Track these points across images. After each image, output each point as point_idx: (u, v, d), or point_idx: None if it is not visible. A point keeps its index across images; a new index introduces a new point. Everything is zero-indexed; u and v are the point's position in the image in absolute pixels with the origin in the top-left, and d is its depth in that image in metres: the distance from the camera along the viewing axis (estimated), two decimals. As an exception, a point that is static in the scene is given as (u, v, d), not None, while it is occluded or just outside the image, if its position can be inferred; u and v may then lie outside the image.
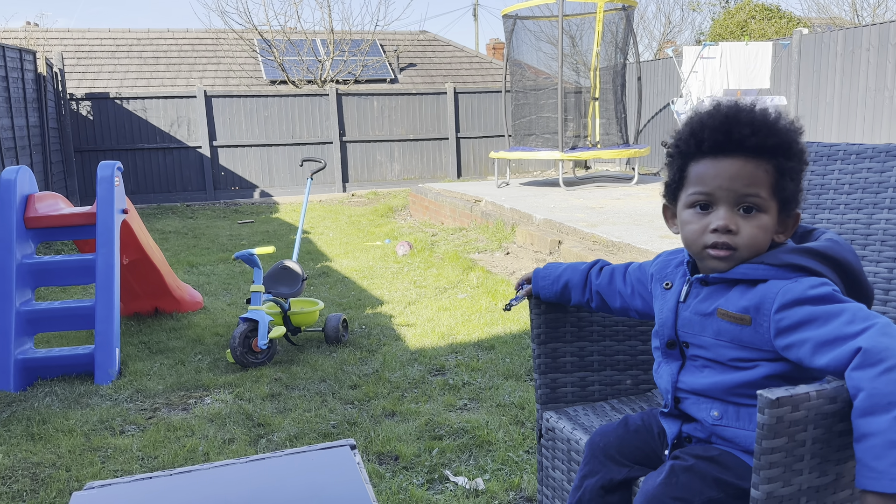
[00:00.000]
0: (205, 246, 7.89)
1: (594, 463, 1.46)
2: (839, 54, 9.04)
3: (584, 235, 6.03)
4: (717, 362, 1.32)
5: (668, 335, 1.40)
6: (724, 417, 1.32)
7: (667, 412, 1.42)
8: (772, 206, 1.29)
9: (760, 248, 1.30)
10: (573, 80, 10.07)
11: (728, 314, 1.29)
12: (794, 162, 1.28)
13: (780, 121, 1.30)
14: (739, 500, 1.27)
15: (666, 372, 1.41)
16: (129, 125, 11.74)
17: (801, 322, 1.21)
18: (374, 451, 2.76)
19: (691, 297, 1.37)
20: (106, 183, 3.99)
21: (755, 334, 1.26)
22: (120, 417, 3.20)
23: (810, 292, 1.22)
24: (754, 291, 1.27)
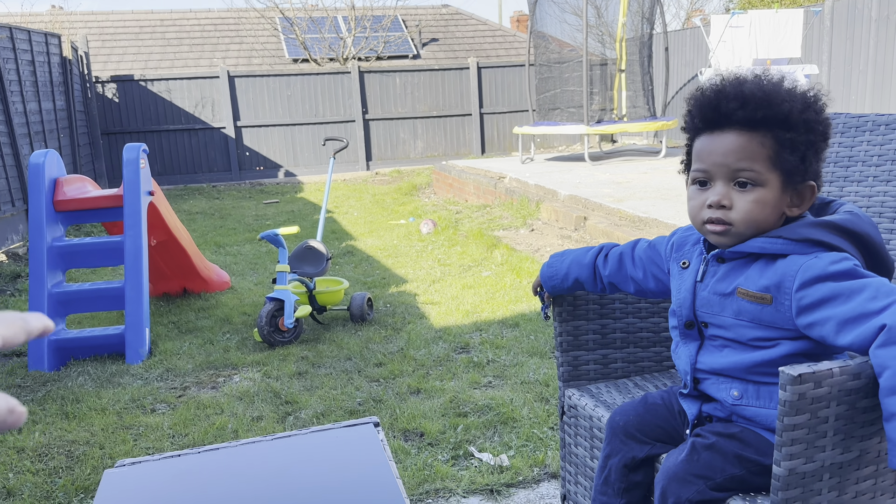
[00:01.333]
0: (231, 226, 7.98)
1: (615, 442, 1.46)
2: (873, 20, 8.77)
3: (609, 211, 5.97)
4: (738, 342, 1.31)
5: (686, 316, 1.38)
6: (745, 397, 1.31)
7: (686, 393, 1.41)
8: (771, 178, 1.26)
9: (761, 223, 1.28)
10: (599, 51, 9.91)
11: (748, 293, 1.27)
12: (794, 133, 1.25)
13: (779, 91, 1.26)
14: (761, 477, 1.27)
15: (684, 353, 1.40)
16: (154, 107, 11.84)
17: (823, 300, 1.19)
18: (399, 428, 2.79)
19: (708, 276, 1.35)
20: (132, 165, 4.04)
21: (776, 313, 1.25)
22: (151, 396, 3.27)
23: (831, 268, 1.20)
24: (774, 269, 1.25)
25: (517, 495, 2.31)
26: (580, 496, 1.76)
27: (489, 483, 2.35)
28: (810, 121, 1.26)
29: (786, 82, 1.30)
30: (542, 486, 2.35)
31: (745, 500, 1.26)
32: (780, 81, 1.29)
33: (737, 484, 1.27)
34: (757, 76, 1.30)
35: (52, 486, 2.50)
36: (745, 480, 1.27)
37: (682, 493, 1.27)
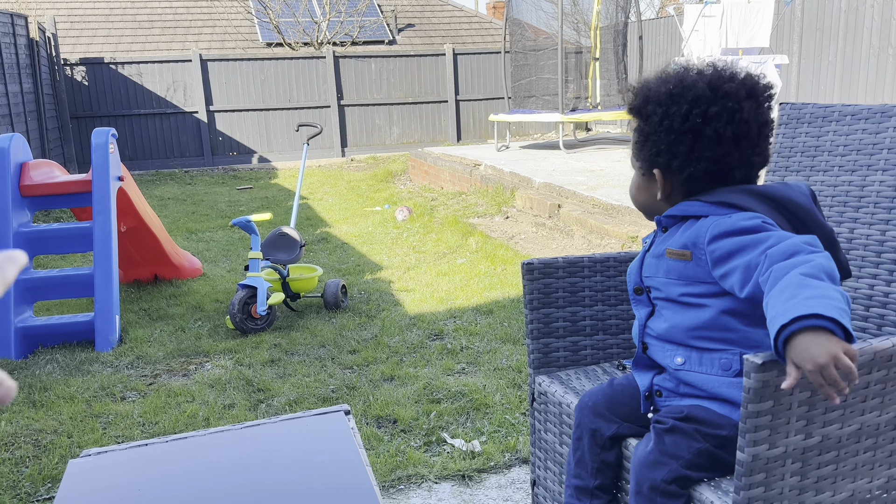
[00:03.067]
0: (203, 212, 7.88)
1: (585, 421, 1.49)
2: (843, 11, 8.88)
3: (583, 199, 6.01)
4: (671, 300, 1.38)
5: (634, 281, 1.47)
6: (687, 362, 1.36)
7: (636, 359, 1.46)
8: (635, 164, 1.45)
9: (638, 203, 1.47)
10: (574, 39, 9.92)
11: (673, 252, 1.36)
12: (643, 122, 1.39)
13: (648, 84, 1.38)
14: (723, 449, 1.31)
15: (637, 319, 1.47)
16: (125, 90, 11.62)
17: (730, 251, 1.26)
18: (372, 415, 2.79)
19: (654, 245, 1.44)
20: (100, 150, 3.96)
21: (697, 268, 1.33)
22: (121, 384, 3.24)
23: (739, 224, 1.27)
24: (694, 228, 1.34)
25: (488, 480, 2.32)
26: (549, 481, 1.78)
27: (461, 469, 2.36)
28: (648, 113, 1.37)
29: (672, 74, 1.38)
30: (514, 471, 2.37)
31: (710, 485, 1.28)
32: (665, 74, 1.39)
33: (705, 459, 1.30)
34: (669, 69, 1.41)
35: (18, 476, 2.46)
36: (711, 453, 1.31)
37: (655, 476, 1.30)
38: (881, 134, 1.64)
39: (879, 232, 1.60)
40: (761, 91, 1.34)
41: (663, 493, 1.29)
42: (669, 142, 1.35)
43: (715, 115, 1.31)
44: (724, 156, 1.33)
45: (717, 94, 1.32)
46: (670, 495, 1.29)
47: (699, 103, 1.32)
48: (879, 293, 1.60)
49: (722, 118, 1.31)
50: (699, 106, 1.32)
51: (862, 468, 1.24)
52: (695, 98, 1.32)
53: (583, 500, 1.49)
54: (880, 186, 1.62)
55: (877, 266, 1.60)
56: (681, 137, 1.34)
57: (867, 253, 1.62)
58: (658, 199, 1.41)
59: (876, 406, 1.21)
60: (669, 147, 1.35)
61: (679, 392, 1.39)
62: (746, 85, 1.34)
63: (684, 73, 1.37)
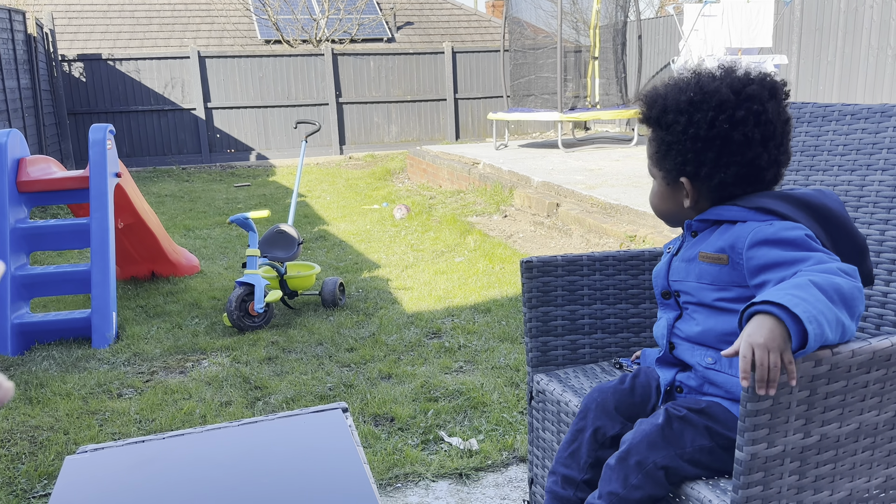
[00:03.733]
0: (201, 209, 7.87)
1: (591, 416, 1.47)
2: (842, 11, 8.89)
3: (582, 198, 6.00)
4: (704, 305, 1.37)
5: (661, 285, 1.46)
6: (718, 363, 1.35)
7: (660, 356, 1.45)
8: (656, 174, 1.44)
9: (662, 211, 1.48)
10: (573, 38, 9.92)
11: (707, 255, 1.35)
12: (661, 134, 1.38)
13: (665, 93, 1.37)
14: (727, 451, 1.30)
15: (664, 320, 1.45)
16: (123, 87, 11.60)
17: (770, 264, 1.25)
18: (369, 413, 2.78)
19: (683, 249, 1.43)
20: (98, 146, 3.95)
21: (733, 272, 1.31)
22: (117, 381, 3.23)
23: (782, 234, 1.25)
24: (731, 232, 1.32)
25: (486, 479, 2.32)
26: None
27: (458, 467, 2.36)
28: (670, 122, 1.36)
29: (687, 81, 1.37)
30: (511, 469, 2.37)
31: (708, 483, 1.28)
32: (679, 81, 1.38)
33: (705, 456, 1.30)
34: (679, 76, 1.40)
35: (14, 473, 2.45)
36: (714, 453, 1.30)
37: (649, 455, 1.29)
38: (881, 133, 1.64)
39: (878, 231, 1.60)
40: (781, 89, 1.35)
41: (647, 474, 1.28)
42: (696, 150, 1.34)
43: (742, 119, 1.31)
44: (755, 158, 1.33)
45: (740, 97, 1.31)
46: (653, 480, 1.28)
47: (724, 108, 1.31)
48: (878, 293, 1.60)
49: (749, 122, 1.31)
50: (724, 111, 1.31)
51: (860, 467, 1.23)
52: (719, 104, 1.32)
53: (567, 490, 1.46)
54: (880, 186, 1.62)
55: (876, 266, 1.60)
56: (708, 144, 1.33)
57: (866, 252, 1.62)
58: (686, 207, 1.41)
59: (874, 405, 1.20)
60: (697, 155, 1.34)
61: (703, 391, 1.38)
62: (767, 85, 1.34)
63: (701, 79, 1.35)
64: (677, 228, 1.49)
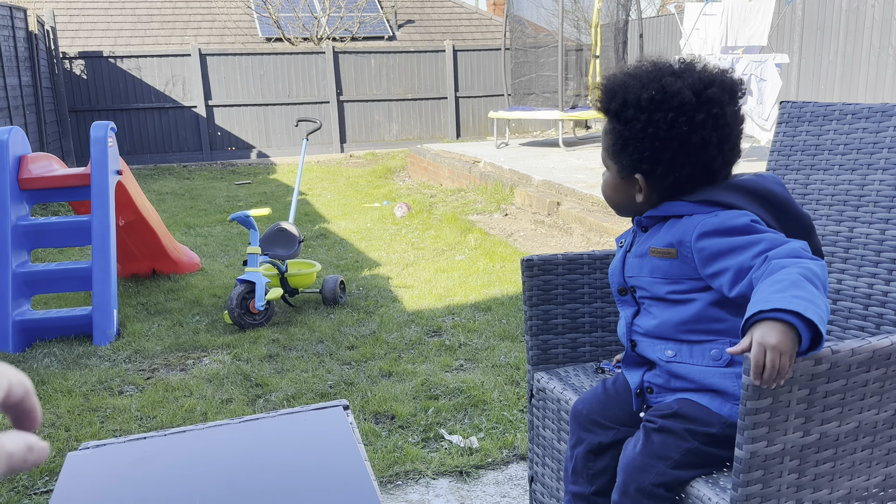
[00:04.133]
0: (202, 207, 7.87)
1: (580, 431, 1.48)
2: (843, 10, 8.88)
3: (582, 196, 6.01)
4: (657, 298, 1.38)
5: (617, 282, 1.46)
6: (678, 354, 1.36)
7: (626, 357, 1.46)
8: (610, 166, 1.43)
9: (613, 203, 1.45)
10: (574, 36, 9.91)
11: (657, 250, 1.36)
12: (619, 127, 1.36)
13: (624, 85, 1.35)
14: (713, 445, 1.31)
15: (623, 318, 1.46)
16: (124, 84, 11.60)
17: (720, 251, 1.26)
18: (370, 411, 2.79)
19: (635, 244, 1.44)
20: (99, 144, 3.95)
21: (683, 265, 1.33)
22: (118, 378, 3.23)
23: (728, 222, 1.27)
24: (678, 226, 1.33)
25: (486, 477, 2.33)
26: (548, 477, 1.78)
27: (459, 465, 2.37)
28: (629, 118, 1.34)
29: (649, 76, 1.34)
30: (511, 467, 2.38)
31: (707, 482, 1.29)
32: (640, 74, 1.35)
33: (693, 457, 1.30)
34: (634, 68, 1.38)
35: (15, 469, 2.46)
36: (699, 452, 1.31)
37: (643, 479, 1.30)
38: (882, 133, 1.64)
39: (879, 231, 1.61)
40: (739, 91, 1.34)
41: (650, 496, 1.29)
42: (653, 148, 1.32)
43: (701, 122, 1.30)
44: (710, 161, 1.33)
45: (701, 100, 1.29)
46: (657, 498, 1.29)
47: (685, 111, 1.29)
48: (878, 292, 1.60)
49: (708, 125, 1.30)
50: (685, 113, 1.29)
51: (859, 466, 1.24)
52: (680, 105, 1.29)
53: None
54: (880, 185, 1.62)
55: (876, 265, 1.60)
56: (666, 144, 1.32)
57: (866, 252, 1.62)
58: (637, 202, 1.40)
59: (874, 404, 1.21)
60: (654, 154, 1.33)
61: (670, 387, 1.38)
62: (727, 87, 1.32)
63: (664, 76, 1.33)
64: (626, 218, 1.49)
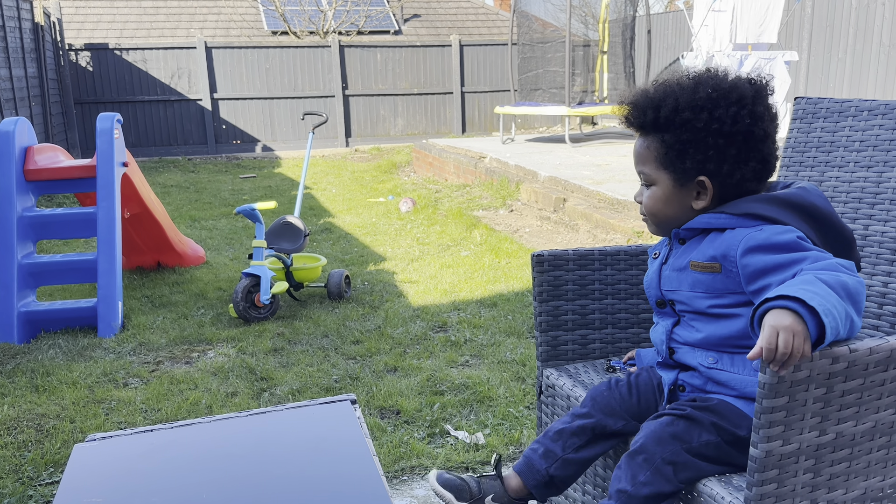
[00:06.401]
0: (207, 200, 7.87)
1: (595, 409, 1.47)
2: (853, 8, 8.82)
3: (589, 193, 5.98)
4: (699, 313, 1.36)
5: (654, 295, 1.45)
6: (719, 362, 1.35)
7: (661, 361, 1.45)
8: (661, 178, 1.38)
9: (662, 216, 1.41)
10: (581, 32, 9.87)
11: (699, 265, 1.34)
12: (670, 133, 1.34)
13: (662, 95, 1.34)
14: (733, 446, 1.30)
15: (661, 327, 1.45)
16: (129, 77, 11.60)
17: (766, 268, 1.24)
18: (375, 406, 2.78)
19: (672, 257, 1.42)
20: (105, 135, 3.94)
21: (727, 280, 1.31)
22: (123, 370, 3.23)
23: (774, 238, 1.25)
24: (721, 240, 1.31)
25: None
26: (556, 475, 1.76)
27: (465, 461, 2.35)
28: (686, 120, 1.32)
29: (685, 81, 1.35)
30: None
31: (720, 481, 1.27)
32: (675, 83, 1.36)
33: (711, 451, 1.29)
34: (667, 79, 1.38)
35: (20, 460, 2.46)
36: (720, 448, 1.30)
37: (656, 451, 1.29)
38: (898, 130, 1.62)
39: (894, 229, 1.59)
40: (771, 87, 1.37)
41: (655, 470, 1.28)
42: (718, 146, 1.31)
43: (760, 114, 1.32)
44: (770, 154, 1.34)
45: (758, 92, 1.32)
46: (661, 475, 1.28)
47: (744, 103, 1.31)
48: (893, 290, 1.58)
49: (766, 117, 1.32)
50: (745, 106, 1.31)
51: (875, 466, 1.22)
52: (740, 98, 1.31)
53: (544, 461, 1.46)
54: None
55: (891, 263, 1.58)
56: (731, 140, 1.31)
57: (882, 250, 1.60)
58: (693, 210, 1.37)
59: (891, 404, 1.19)
60: (719, 151, 1.32)
61: (706, 389, 1.38)
62: (763, 84, 1.35)
63: (711, 77, 1.34)
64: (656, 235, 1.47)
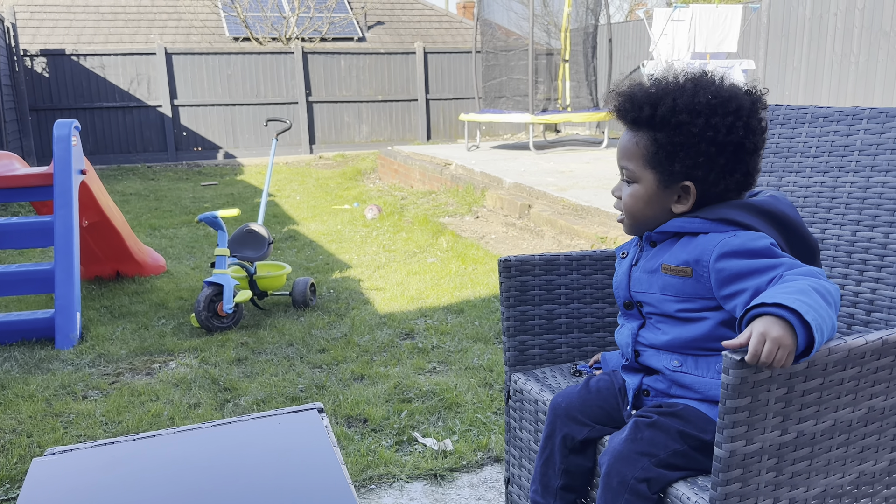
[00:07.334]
0: (167, 208, 7.73)
1: (557, 422, 1.48)
2: (807, 18, 9.08)
3: (553, 199, 6.03)
4: (666, 316, 1.37)
5: (623, 296, 1.45)
6: (684, 365, 1.36)
7: (626, 365, 1.45)
8: (646, 176, 1.37)
9: (640, 216, 1.39)
10: (544, 41, 9.98)
11: (671, 268, 1.35)
12: (663, 133, 1.33)
13: (661, 93, 1.33)
14: (701, 453, 1.31)
15: (627, 329, 1.45)
16: (87, 83, 11.36)
17: (739, 273, 1.25)
18: (342, 415, 2.76)
19: (642, 259, 1.42)
20: (63, 142, 3.85)
21: (697, 285, 1.32)
22: (82, 382, 3.15)
23: (749, 244, 1.26)
24: (694, 244, 1.32)
25: (461, 479, 2.31)
26: (524, 479, 1.77)
27: (433, 468, 2.35)
28: (682, 122, 1.31)
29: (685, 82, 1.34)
30: (486, 470, 2.36)
31: (687, 483, 1.29)
32: (674, 82, 1.35)
33: (680, 459, 1.30)
34: (665, 77, 1.37)
35: (-26, 477, 2.37)
36: (688, 455, 1.30)
37: (627, 472, 1.28)
38: (852, 136, 1.67)
39: (850, 232, 1.63)
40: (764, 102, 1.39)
41: (632, 491, 1.28)
42: (709, 153, 1.31)
43: (754, 128, 1.32)
44: (755, 168, 1.35)
45: (755, 105, 1.33)
46: (639, 495, 1.28)
47: (741, 115, 1.31)
48: (850, 292, 1.62)
49: (759, 131, 1.33)
50: (741, 118, 1.31)
51: (835, 464, 1.25)
52: (738, 109, 1.31)
53: (546, 498, 1.48)
54: (851, 188, 1.64)
55: (847, 266, 1.63)
56: (722, 149, 1.31)
57: (838, 253, 1.65)
58: (672, 213, 1.37)
59: (849, 402, 1.22)
60: (709, 159, 1.32)
61: (670, 393, 1.38)
62: (761, 98, 1.36)
63: (710, 82, 1.34)
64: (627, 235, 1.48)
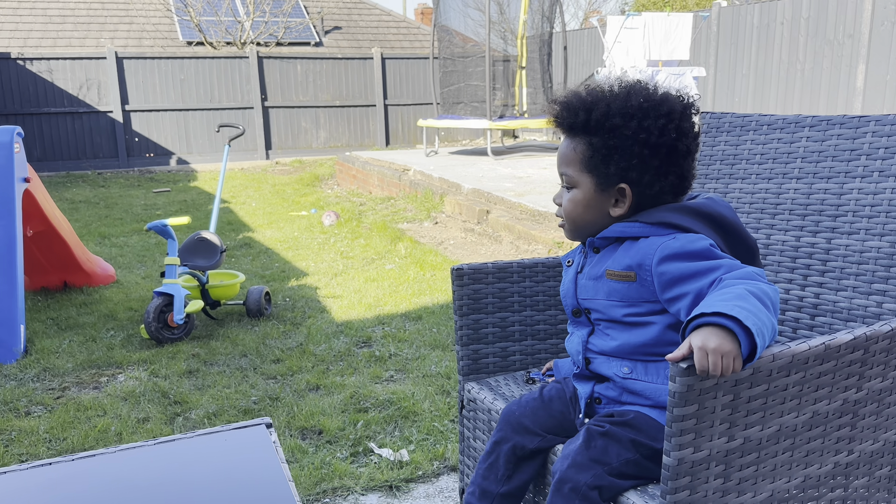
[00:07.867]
0: (117, 216, 7.55)
1: (508, 430, 1.47)
2: (755, 27, 9.32)
3: (511, 205, 6.06)
4: (614, 321, 1.38)
5: (571, 304, 1.45)
6: (634, 372, 1.36)
7: (577, 373, 1.45)
8: (583, 181, 1.38)
9: (580, 220, 1.40)
10: (501, 48, 10.04)
11: (615, 273, 1.35)
12: (597, 137, 1.34)
13: (596, 99, 1.35)
14: (653, 461, 1.32)
15: (577, 337, 1.45)
16: (34, 88, 11.03)
17: (681, 276, 1.27)
18: (296, 427, 2.71)
19: (587, 266, 1.43)
20: (4, 150, 3.72)
21: (641, 289, 1.33)
22: (25, 398, 3.04)
23: (688, 247, 1.28)
24: (636, 249, 1.33)
25: (416, 490, 2.29)
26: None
27: (388, 479, 2.32)
28: (615, 126, 1.33)
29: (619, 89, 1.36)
30: (442, 479, 2.34)
31: (638, 491, 1.29)
32: (608, 88, 1.37)
33: (632, 468, 1.30)
34: (600, 85, 1.38)
35: None
36: (640, 464, 1.31)
37: (579, 479, 1.28)
38: (795, 143, 1.70)
39: (794, 238, 1.66)
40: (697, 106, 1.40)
41: (583, 498, 1.28)
42: (643, 156, 1.32)
43: (685, 130, 1.34)
44: (689, 170, 1.36)
45: (686, 108, 1.35)
46: (590, 501, 1.28)
47: (672, 118, 1.32)
48: (794, 297, 1.65)
49: (690, 134, 1.35)
50: (673, 121, 1.32)
51: (781, 468, 1.26)
52: (669, 112, 1.32)
53: (483, 502, 1.47)
54: (795, 194, 1.68)
55: (792, 271, 1.65)
56: (655, 151, 1.32)
57: (783, 258, 1.68)
58: (610, 217, 1.38)
59: (793, 408, 1.24)
60: (643, 161, 1.33)
61: (621, 400, 1.39)
62: (691, 102, 1.38)
63: (644, 88, 1.36)
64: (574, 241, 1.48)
